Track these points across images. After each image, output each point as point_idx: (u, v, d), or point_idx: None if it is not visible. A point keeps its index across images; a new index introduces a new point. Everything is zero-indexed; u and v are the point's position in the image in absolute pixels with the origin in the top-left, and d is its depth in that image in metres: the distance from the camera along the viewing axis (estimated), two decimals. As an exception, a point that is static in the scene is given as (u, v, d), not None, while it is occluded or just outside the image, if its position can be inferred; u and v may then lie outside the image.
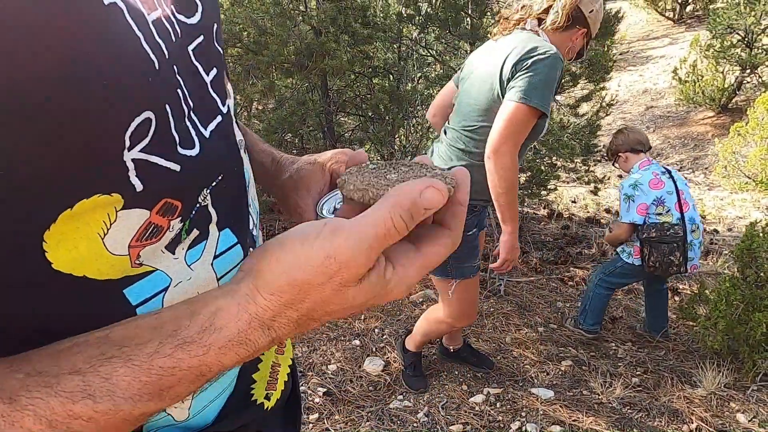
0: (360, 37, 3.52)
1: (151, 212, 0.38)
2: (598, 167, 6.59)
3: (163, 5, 0.40)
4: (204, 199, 0.43)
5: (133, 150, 0.36)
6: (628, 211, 2.66)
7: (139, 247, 0.38)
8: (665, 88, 9.27)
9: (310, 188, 0.60)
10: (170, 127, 0.39)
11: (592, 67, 3.38)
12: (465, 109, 1.81)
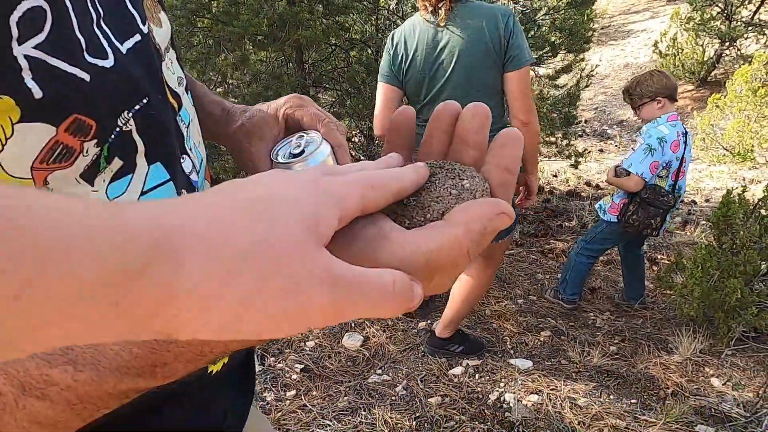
0: (335, 6, 3.41)
1: (58, 129, 0.33)
2: (579, 141, 6.60)
3: None
4: (126, 124, 0.38)
5: (25, 45, 0.30)
6: (642, 163, 2.49)
7: (44, 170, 0.33)
8: (646, 63, 9.27)
9: (263, 135, 0.56)
10: (73, 28, 0.34)
11: (571, 37, 3.33)
12: (472, 97, 1.81)
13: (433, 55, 1.83)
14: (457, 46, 1.79)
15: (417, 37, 1.86)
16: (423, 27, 1.85)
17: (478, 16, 1.77)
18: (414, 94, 1.93)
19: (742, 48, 7.77)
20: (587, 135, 7.88)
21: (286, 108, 0.58)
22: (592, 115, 8.57)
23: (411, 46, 1.86)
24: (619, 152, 7.14)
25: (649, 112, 2.59)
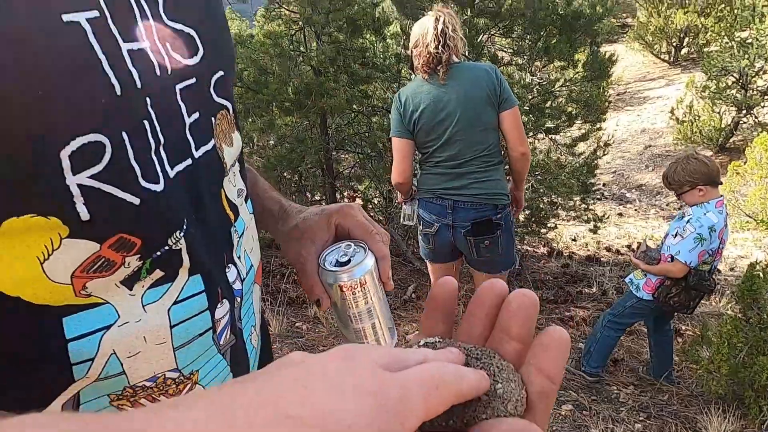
0: (359, 77, 3.59)
1: (102, 246, 0.37)
2: (598, 205, 6.60)
3: (154, 39, 0.40)
4: (176, 243, 0.42)
5: (79, 175, 0.35)
6: (691, 252, 2.41)
7: (84, 278, 0.37)
8: (663, 128, 9.38)
9: (314, 239, 0.60)
10: (129, 158, 0.37)
11: (587, 108, 3.43)
12: (475, 137, 2.13)
13: (439, 105, 2.11)
14: (461, 95, 2.10)
15: (422, 94, 2.14)
16: (426, 86, 2.14)
17: (472, 70, 2.13)
18: (424, 141, 2.19)
19: (759, 116, 7.83)
20: (606, 198, 7.88)
21: (338, 216, 0.61)
22: (611, 178, 8.61)
23: (418, 102, 2.13)
24: (638, 216, 7.11)
25: (693, 199, 2.50)
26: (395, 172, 2.22)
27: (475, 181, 2.15)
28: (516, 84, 3.40)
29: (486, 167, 2.16)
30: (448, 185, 2.18)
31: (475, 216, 2.18)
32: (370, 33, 3.45)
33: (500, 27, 3.36)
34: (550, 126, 3.58)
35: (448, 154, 2.15)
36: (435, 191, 2.21)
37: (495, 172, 2.19)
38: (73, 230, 0.35)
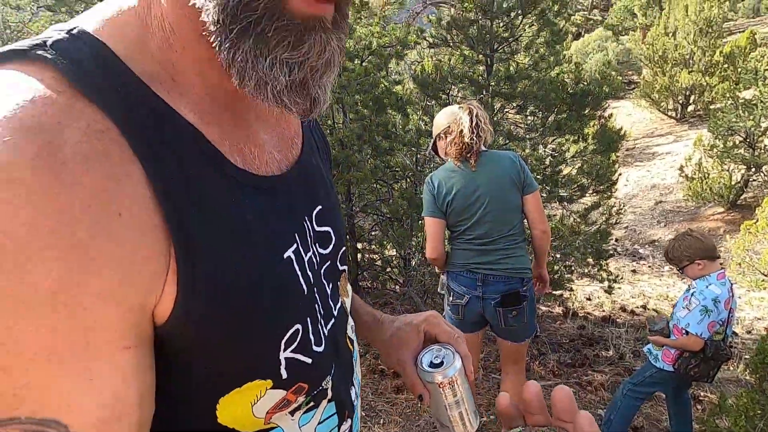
0: (382, 149, 3.84)
1: (288, 392, 0.54)
2: (611, 261, 6.67)
3: (311, 245, 0.58)
4: (326, 384, 0.59)
5: (286, 351, 0.52)
6: (700, 324, 2.56)
7: (273, 413, 0.53)
8: (673, 184, 9.54)
9: (409, 345, 0.76)
10: (309, 332, 0.56)
11: (598, 179, 3.62)
12: (503, 218, 2.33)
13: (470, 189, 2.31)
14: (490, 180, 2.30)
15: (454, 178, 2.34)
16: (458, 171, 2.34)
17: (499, 158, 2.34)
18: (456, 221, 2.38)
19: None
20: (619, 254, 7.95)
21: (425, 325, 0.77)
22: (623, 233, 8.71)
23: (451, 185, 2.33)
24: (652, 274, 7.15)
25: (694, 273, 2.68)
26: (429, 248, 2.40)
27: (503, 257, 2.33)
28: (530, 156, 3.61)
29: (512, 244, 2.34)
30: (479, 260, 2.34)
31: (504, 288, 2.34)
32: (393, 110, 3.72)
33: (514, 106, 3.61)
34: (563, 195, 3.76)
35: (477, 232, 2.33)
36: (466, 265, 2.37)
37: (520, 248, 2.37)
38: (275, 385, 0.52)
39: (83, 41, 0.41)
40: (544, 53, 3.55)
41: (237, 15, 0.40)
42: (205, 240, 0.44)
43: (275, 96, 0.44)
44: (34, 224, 0.34)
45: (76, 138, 0.37)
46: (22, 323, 0.34)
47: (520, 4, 3.34)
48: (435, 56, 4.66)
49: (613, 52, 15.13)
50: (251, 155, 0.51)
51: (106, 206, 0.37)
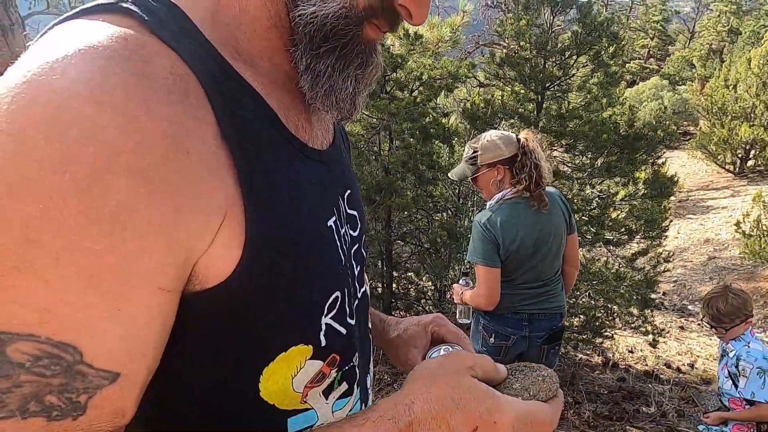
0: (425, 178, 3.85)
1: (324, 363, 0.54)
2: (657, 315, 6.34)
3: (344, 223, 0.61)
4: (356, 360, 0.60)
5: (327, 316, 0.53)
6: (764, 388, 2.37)
7: (309, 388, 0.53)
8: (728, 240, 9.08)
9: (416, 345, 0.77)
10: (345, 303, 0.57)
11: (647, 224, 3.50)
12: (555, 260, 2.24)
13: (535, 235, 2.12)
14: (552, 224, 2.17)
15: (519, 222, 2.10)
16: (524, 212, 2.10)
17: (553, 197, 2.19)
18: (514, 268, 2.16)
19: (835, 237, 7.47)
20: (666, 309, 7.57)
21: (433, 325, 0.78)
22: (671, 287, 8.30)
23: (516, 232, 2.09)
24: (702, 332, 6.75)
25: (737, 332, 2.51)
26: (485, 300, 2.14)
27: (548, 297, 2.26)
28: (576, 197, 3.54)
29: (556, 283, 2.28)
30: (526, 302, 2.23)
31: (549, 326, 2.28)
32: (439, 141, 3.75)
33: (563, 144, 3.57)
34: (609, 238, 3.65)
35: (531, 276, 2.19)
36: (511, 308, 2.23)
37: (559, 288, 2.31)
38: (314, 354, 0.52)
39: (161, 2, 0.45)
40: (597, 94, 3.51)
41: (329, 36, 0.48)
42: (271, 192, 0.46)
43: (336, 102, 0.51)
44: (115, 144, 0.36)
45: (161, 74, 0.40)
46: (79, 237, 0.35)
47: (576, 44, 3.34)
48: (485, 92, 4.70)
49: (669, 101, 14.81)
50: (302, 129, 0.54)
51: (179, 142, 0.39)
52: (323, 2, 0.47)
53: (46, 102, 0.35)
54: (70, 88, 0.35)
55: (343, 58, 0.50)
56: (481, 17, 10.38)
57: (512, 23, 3.44)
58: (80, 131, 0.35)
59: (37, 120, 0.34)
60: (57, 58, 0.36)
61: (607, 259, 3.81)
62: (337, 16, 0.48)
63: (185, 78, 0.41)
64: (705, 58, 20.37)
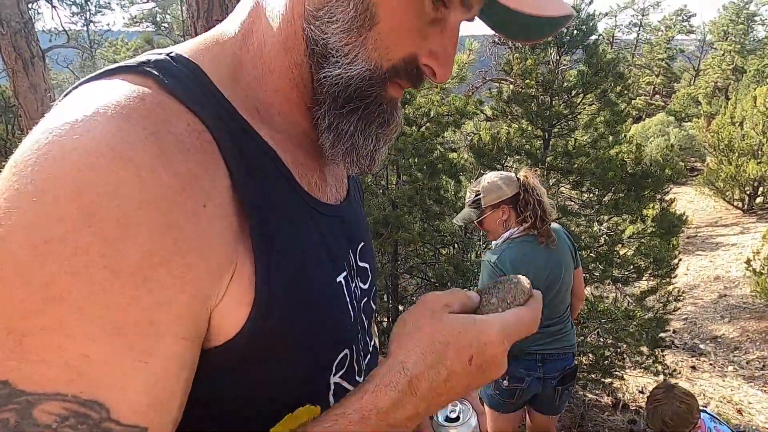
0: (432, 213, 3.86)
1: None
2: (668, 354, 6.20)
3: (355, 278, 0.60)
4: None
5: (335, 375, 0.53)
6: None
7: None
8: (739, 277, 8.95)
9: None
10: (354, 360, 0.57)
11: (656, 263, 3.46)
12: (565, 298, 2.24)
13: (545, 273, 2.11)
14: (561, 260, 2.17)
15: (529, 260, 2.08)
16: (532, 249, 2.10)
17: (557, 233, 2.19)
18: None
19: None
20: (676, 347, 7.41)
21: None
22: (682, 325, 8.14)
23: (525, 270, 2.04)
24: (714, 373, 6.58)
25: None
26: None
27: (560, 336, 2.24)
28: (584, 233, 3.52)
29: (566, 321, 2.26)
30: (539, 342, 2.19)
31: (562, 366, 2.24)
32: (446, 176, 3.77)
33: (570, 181, 3.58)
34: (617, 275, 3.61)
35: (544, 314, 2.14)
36: (524, 349, 2.19)
37: (570, 326, 2.29)
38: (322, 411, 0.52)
39: (181, 63, 0.47)
40: (604, 132, 3.54)
41: (353, 96, 0.49)
42: (282, 249, 0.46)
43: (357, 159, 0.53)
44: (135, 198, 0.37)
45: (179, 131, 0.41)
46: (103, 291, 0.35)
47: (582, 83, 3.39)
48: (492, 128, 4.75)
49: (676, 137, 14.89)
50: (316, 186, 0.55)
51: (196, 195, 0.40)
52: (349, 65, 0.48)
53: (69, 160, 0.36)
54: (90, 146, 0.37)
55: (365, 117, 0.51)
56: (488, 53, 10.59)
57: (519, 62, 3.51)
58: (102, 187, 0.36)
59: (60, 177, 0.36)
60: (77, 118, 0.38)
61: (615, 297, 3.76)
62: (362, 78, 0.49)
63: (201, 135, 0.43)
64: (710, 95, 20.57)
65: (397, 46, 0.49)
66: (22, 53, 4.54)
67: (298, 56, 0.50)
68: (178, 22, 11.14)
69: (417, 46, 0.49)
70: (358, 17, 0.47)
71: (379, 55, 0.48)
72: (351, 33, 0.47)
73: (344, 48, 0.48)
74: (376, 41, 0.48)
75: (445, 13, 0.48)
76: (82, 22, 15.92)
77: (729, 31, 26.52)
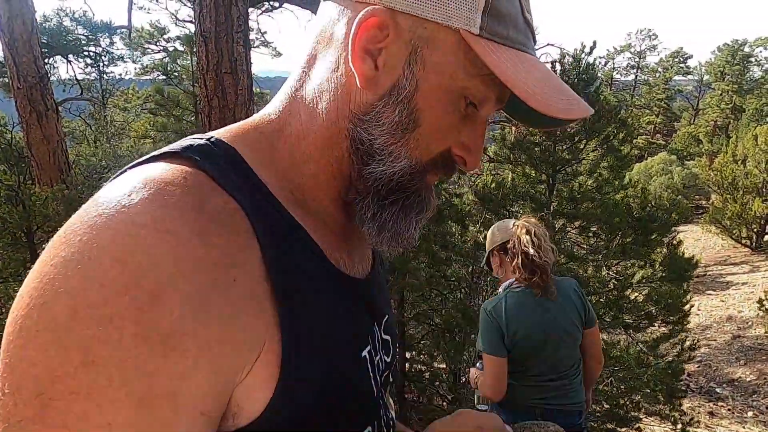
0: (439, 258, 3.84)
1: None
2: (684, 400, 6.00)
3: (379, 351, 0.60)
4: None
5: None
6: None
7: None
8: (752, 317, 8.78)
9: None
10: None
11: (667, 308, 3.41)
12: (569, 354, 2.13)
13: (543, 326, 2.04)
14: (563, 314, 2.08)
15: (526, 311, 2.04)
16: (530, 300, 2.05)
17: (565, 288, 2.11)
18: (524, 359, 2.07)
19: None
20: (692, 391, 7.19)
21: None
22: (696, 368, 7.92)
23: (521, 319, 2.03)
24: (733, 419, 6.36)
25: None
26: (491, 391, 2.09)
27: (563, 392, 2.16)
28: (593, 278, 3.49)
29: (573, 379, 2.17)
30: (539, 396, 2.14)
31: (563, 422, 2.14)
32: (452, 221, 3.78)
33: (576, 226, 3.58)
34: (628, 321, 3.55)
35: (542, 369, 2.11)
36: (524, 402, 2.15)
37: (578, 382, 2.20)
38: None
39: (219, 147, 0.50)
40: (608, 177, 3.56)
41: (394, 189, 0.53)
42: (309, 328, 0.47)
43: (399, 243, 0.55)
44: (172, 269, 0.38)
45: (215, 210, 0.43)
46: (132, 359, 0.36)
47: (584, 129, 3.44)
48: (496, 169, 4.79)
49: (679, 176, 14.95)
50: (343, 262, 0.56)
51: (227, 269, 0.42)
52: (392, 162, 0.52)
53: (114, 230, 0.39)
54: (134, 219, 0.39)
55: (406, 208, 0.54)
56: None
57: (521, 110, 3.56)
58: (142, 257, 0.38)
59: (105, 246, 0.38)
60: (123, 194, 0.41)
61: (627, 344, 3.68)
62: (403, 173, 0.52)
63: (236, 214, 0.45)
64: (711, 134, 20.78)
65: (436, 142, 0.53)
66: (36, 106, 4.68)
67: (340, 152, 0.53)
68: (188, 73, 11.49)
69: (452, 141, 0.53)
70: (403, 121, 0.50)
71: (420, 152, 0.52)
72: (396, 135, 0.51)
73: (389, 148, 0.51)
74: (417, 140, 0.52)
75: (478, 109, 0.52)
76: (96, 74, 16.48)
77: (725, 71, 27.07)
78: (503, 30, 0.49)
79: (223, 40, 4.09)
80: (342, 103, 0.52)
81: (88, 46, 14.48)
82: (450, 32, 0.48)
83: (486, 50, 0.48)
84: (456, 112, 0.51)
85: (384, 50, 0.49)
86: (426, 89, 0.50)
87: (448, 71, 0.49)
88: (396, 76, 0.50)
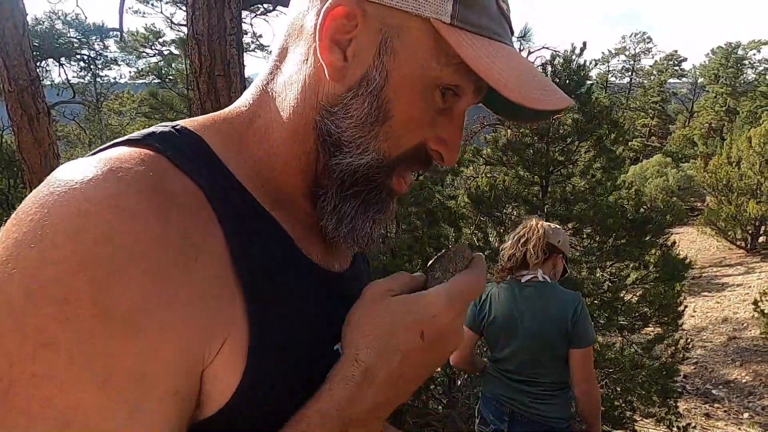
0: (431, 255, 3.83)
1: None
2: (680, 401, 5.99)
3: None
4: None
5: None
6: None
7: None
8: (747, 319, 8.79)
9: None
10: None
11: (661, 309, 3.40)
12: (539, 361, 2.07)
13: (510, 320, 2.09)
14: (536, 317, 2.05)
15: (501, 300, 2.14)
16: (509, 293, 2.13)
17: (556, 297, 2.07)
18: (492, 342, 2.18)
19: None
20: (688, 393, 7.19)
21: None
22: (692, 370, 7.93)
23: (494, 307, 2.14)
24: (729, 420, 6.36)
25: None
26: (455, 354, 2.20)
27: (534, 401, 2.11)
28: (587, 280, 3.48)
29: (548, 391, 2.10)
30: (508, 394, 2.15)
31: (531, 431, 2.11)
32: (446, 224, 3.77)
33: (570, 228, 3.57)
34: (623, 323, 3.54)
35: (508, 367, 2.13)
36: (496, 396, 2.19)
37: (558, 397, 2.12)
38: None
39: (184, 134, 0.49)
40: (601, 178, 3.56)
41: (358, 181, 0.52)
42: (278, 314, 0.46)
43: (356, 240, 0.54)
44: (129, 246, 0.37)
45: (175, 190, 0.42)
46: (93, 339, 0.35)
47: (577, 131, 3.44)
48: (491, 172, 4.79)
49: (674, 178, 15.00)
50: (316, 255, 0.55)
51: (188, 248, 0.41)
52: (360, 155, 0.51)
53: (66, 209, 0.37)
54: (87, 196, 0.38)
55: (366, 202, 0.53)
56: (484, 100, 10.84)
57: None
58: (97, 234, 0.37)
59: (57, 224, 0.37)
60: (76, 173, 0.40)
61: (622, 345, 3.67)
62: (370, 166, 0.51)
63: (197, 196, 0.44)
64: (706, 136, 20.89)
65: (407, 136, 0.51)
66: (27, 110, 4.64)
67: (307, 145, 0.52)
68: (182, 76, 11.49)
69: (426, 135, 0.52)
70: (372, 113, 0.49)
71: (389, 145, 0.51)
72: (365, 128, 0.50)
73: (357, 140, 0.50)
74: (387, 133, 0.50)
75: (453, 102, 0.51)
76: (89, 77, 16.43)
77: (720, 74, 27.25)
78: (475, 19, 0.47)
79: (215, 42, 4.07)
80: (310, 94, 0.50)
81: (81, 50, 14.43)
82: (421, 21, 0.47)
83: (457, 39, 0.46)
84: (430, 105, 0.50)
85: (353, 41, 0.48)
86: (397, 80, 0.48)
87: (420, 62, 0.48)
88: (365, 67, 0.48)
